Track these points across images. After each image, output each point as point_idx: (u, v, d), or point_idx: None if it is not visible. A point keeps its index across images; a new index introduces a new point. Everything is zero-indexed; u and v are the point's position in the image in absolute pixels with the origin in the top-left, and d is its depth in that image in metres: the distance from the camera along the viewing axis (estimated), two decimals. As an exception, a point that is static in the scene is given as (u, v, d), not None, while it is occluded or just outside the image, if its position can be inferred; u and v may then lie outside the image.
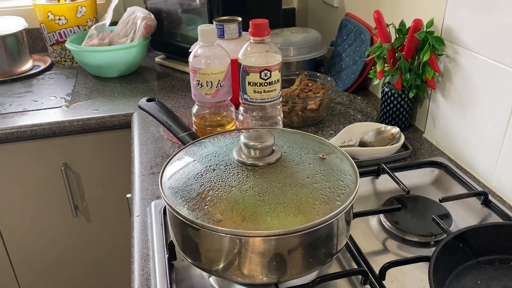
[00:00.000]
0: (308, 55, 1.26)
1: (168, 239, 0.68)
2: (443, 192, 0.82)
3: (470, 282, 0.59)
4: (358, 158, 0.88)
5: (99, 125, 1.18)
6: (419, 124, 1.04)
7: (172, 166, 0.61)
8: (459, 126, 0.89)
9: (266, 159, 0.57)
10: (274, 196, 0.53)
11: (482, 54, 0.80)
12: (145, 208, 0.79)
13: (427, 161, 0.88)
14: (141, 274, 0.66)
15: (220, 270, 0.54)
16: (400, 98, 0.98)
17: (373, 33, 1.16)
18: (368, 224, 0.75)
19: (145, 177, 0.88)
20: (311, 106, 1.01)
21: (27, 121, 1.15)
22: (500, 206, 0.74)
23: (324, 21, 1.53)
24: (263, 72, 0.82)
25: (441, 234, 0.68)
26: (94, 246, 1.36)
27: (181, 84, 1.35)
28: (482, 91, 0.82)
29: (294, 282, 0.57)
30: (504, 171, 0.79)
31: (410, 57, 0.93)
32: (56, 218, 1.30)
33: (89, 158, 1.24)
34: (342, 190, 0.55)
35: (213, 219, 0.51)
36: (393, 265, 0.61)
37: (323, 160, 0.60)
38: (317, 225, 0.51)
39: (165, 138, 1.00)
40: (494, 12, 0.76)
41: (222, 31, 1.01)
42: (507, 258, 0.62)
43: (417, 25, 0.89)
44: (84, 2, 1.45)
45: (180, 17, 1.38)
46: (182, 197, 0.54)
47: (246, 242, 0.51)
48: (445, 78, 0.91)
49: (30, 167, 1.21)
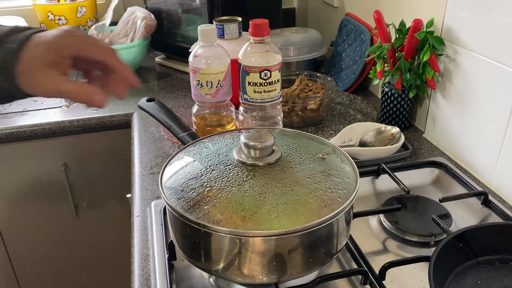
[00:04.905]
0: (308, 55, 1.26)
1: (168, 239, 0.68)
2: (443, 192, 0.82)
3: (470, 282, 0.59)
4: (358, 158, 0.88)
5: (99, 125, 1.18)
6: (419, 124, 1.04)
7: (172, 166, 0.61)
8: (459, 126, 0.89)
9: (266, 159, 0.57)
10: (274, 196, 0.53)
11: (482, 54, 0.80)
12: (145, 208, 0.79)
13: (427, 161, 0.88)
14: (141, 274, 0.66)
15: (220, 270, 0.54)
16: (400, 98, 0.98)
17: (373, 33, 1.16)
18: (368, 224, 0.75)
19: (145, 177, 0.88)
20: (311, 106, 1.01)
21: (27, 121, 1.15)
22: (500, 206, 0.74)
23: (324, 21, 1.53)
24: (263, 72, 0.82)
25: (441, 234, 0.68)
26: (94, 246, 1.36)
27: (181, 84, 1.35)
28: (482, 91, 0.82)
29: (294, 282, 0.57)
30: (504, 171, 0.79)
31: (410, 57, 0.93)
32: (56, 218, 1.30)
33: (89, 158, 1.24)
34: (342, 190, 0.55)
35: (213, 219, 0.51)
36: (393, 265, 0.61)
37: (323, 160, 0.60)
38: (317, 225, 0.51)
39: (165, 138, 1.00)
40: (494, 12, 0.76)
41: (222, 31, 1.01)
42: (507, 258, 0.62)
43: (417, 25, 0.89)
44: (84, 2, 1.45)
45: (180, 17, 1.38)
46: (182, 197, 0.54)
47: (246, 242, 0.51)
48: (445, 78, 0.91)
49: (30, 167, 1.21)
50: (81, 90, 0.51)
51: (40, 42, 0.50)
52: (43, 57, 0.49)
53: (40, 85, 0.50)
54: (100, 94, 0.52)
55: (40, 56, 0.49)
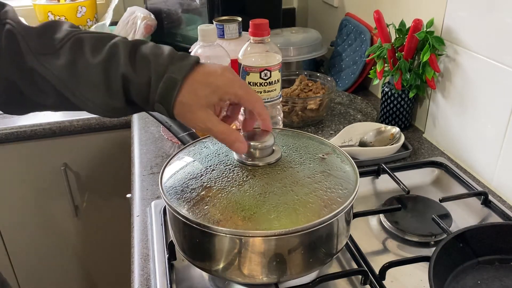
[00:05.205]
0: (308, 55, 1.26)
1: (168, 239, 0.68)
2: (443, 192, 0.82)
3: (470, 282, 0.59)
4: (358, 158, 0.88)
5: (99, 125, 1.18)
6: (419, 124, 1.04)
7: (172, 166, 0.61)
8: (459, 126, 0.89)
9: (266, 159, 0.57)
10: (274, 196, 0.52)
11: (482, 54, 0.80)
12: (145, 208, 0.79)
13: (427, 161, 0.88)
14: (141, 274, 0.66)
15: (220, 270, 0.54)
16: (400, 98, 0.98)
17: (373, 33, 1.16)
18: (368, 224, 0.75)
19: (145, 177, 0.88)
20: (311, 106, 1.01)
21: (27, 121, 1.15)
22: (500, 206, 0.74)
23: (324, 21, 1.53)
24: (263, 72, 0.82)
25: (441, 234, 0.68)
26: (94, 246, 1.36)
27: (181, 84, 1.35)
28: (482, 91, 0.82)
29: (294, 282, 0.57)
30: (504, 171, 0.79)
31: (410, 57, 0.93)
32: (56, 218, 1.30)
33: (89, 158, 1.24)
34: (342, 190, 0.55)
35: (213, 219, 0.51)
36: (393, 265, 0.61)
37: (323, 160, 0.60)
38: (317, 225, 0.51)
39: (165, 138, 1.00)
40: (494, 12, 0.76)
41: (222, 31, 1.01)
42: (507, 258, 0.62)
43: (417, 25, 0.89)
44: (84, 2, 1.45)
45: (180, 17, 1.38)
46: (182, 197, 0.54)
47: (246, 242, 0.51)
48: (445, 78, 0.91)
49: (30, 167, 1.21)
50: (231, 135, 0.54)
51: (207, 83, 0.53)
52: (206, 98, 0.53)
53: (195, 120, 0.54)
54: (244, 143, 0.55)
55: (204, 96, 0.53)
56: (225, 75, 0.54)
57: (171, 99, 0.53)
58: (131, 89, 0.54)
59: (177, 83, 0.52)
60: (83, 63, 0.54)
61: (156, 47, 0.55)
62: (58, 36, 0.55)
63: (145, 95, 0.54)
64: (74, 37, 0.55)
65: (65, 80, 0.54)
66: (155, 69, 0.53)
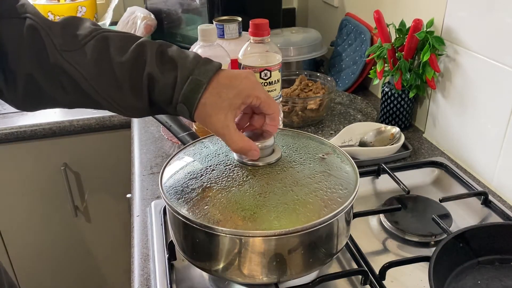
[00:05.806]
0: (308, 55, 1.26)
1: (168, 239, 0.68)
2: (443, 192, 0.82)
3: (470, 282, 0.59)
4: (358, 158, 0.88)
5: (99, 125, 1.18)
6: (419, 124, 1.04)
7: (172, 166, 0.61)
8: (459, 126, 0.89)
9: (266, 159, 0.57)
10: (274, 196, 0.52)
11: (482, 54, 0.80)
12: (145, 208, 0.79)
13: (427, 161, 0.88)
14: (141, 274, 0.66)
15: (220, 270, 0.54)
16: (400, 98, 0.98)
17: (373, 33, 1.16)
18: (368, 224, 0.75)
19: (145, 177, 0.88)
20: (311, 106, 1.01)
21: (27, 121, 1.15)
22: (500, 206, 0.74)
23: (324, 21, 1.53)
24: (263, 72, 0.82)
25: (441, 234, 0.68)
26: (94, 246, 1.37)
27: (181, 84, 1.35)
28: (482, 91, 0.82)
29: (294, 282, 0.57)
30: (504, 171, 0.79)
31: (410, 57, 0.93)
32: (56, 218, 1.30)
33: (89, 158, 1.24)
34: (342, 190, 0.55)
35: (213, 219, 0.51)
36: (393, 265, 0.61)
37: (323, 160, 0.60)
38: (317, 225, 0.51)
39: (165, 138, 1.00)
40: (494, 12, 0.76)
41: (222, 31, 1.01)
42: (507, 258, 0.62)
43: (417, 25, 0.89)
44: (84, 2, 1.45)
45: (180, 17, 1.38)
46: (182, 197, 0.54)
47: (246, 242, 0.51)
48: (445, 78, 0.91)
49: (30, 167, 1.21)
50: (246, 144, 0.55)
51: (231, 85, 0.54)
52: (230, 100, 0.53)
53: (214, 122, 0.54)
54: (257, 151, 0.56)
55: (228, 98, 0.53)
56: (250, 78, 0.55)
57: (195, 101, 0.53)
58: (155, 89, 0.55)
59: (202, 85, 0.53)
60: (109, 61, 0.54)
61: (181, 51, 0.56)
62: (82, 33, 0.55)
63: (169, 95, 0.55)
64: (99, 35, 0.55)
65: (89, 78, 0.55)
66: (181, 71, 0.54)
